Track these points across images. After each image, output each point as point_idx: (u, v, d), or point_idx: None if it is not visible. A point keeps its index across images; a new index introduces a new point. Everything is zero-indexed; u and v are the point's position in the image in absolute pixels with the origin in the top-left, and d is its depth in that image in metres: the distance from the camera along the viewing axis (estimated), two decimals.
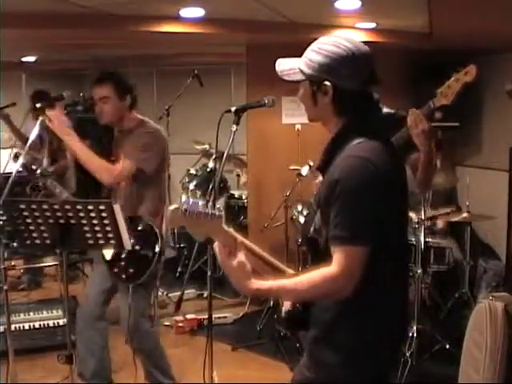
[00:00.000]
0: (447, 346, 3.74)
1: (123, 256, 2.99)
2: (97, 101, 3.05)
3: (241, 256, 1.63)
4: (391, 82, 5.36)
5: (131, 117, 3.14)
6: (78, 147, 2.95)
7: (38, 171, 2.98)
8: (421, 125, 2.41)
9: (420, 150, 2.51)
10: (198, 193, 5.53)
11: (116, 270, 3.03)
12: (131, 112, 3.14)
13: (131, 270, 2.99)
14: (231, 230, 1.68)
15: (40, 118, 2.89)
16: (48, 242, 2.57)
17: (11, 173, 2.79)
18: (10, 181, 2.69)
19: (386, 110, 2.84)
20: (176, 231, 5.62)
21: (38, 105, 2.90)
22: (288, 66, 1.75)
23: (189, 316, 4.51)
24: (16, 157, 3.37)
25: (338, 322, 1.69)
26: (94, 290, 3.20)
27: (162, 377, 3.25)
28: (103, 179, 2.98)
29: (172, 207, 1.62)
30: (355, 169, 1.57)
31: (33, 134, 2.85)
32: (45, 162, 4.99)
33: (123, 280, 3.03)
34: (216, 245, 1.66)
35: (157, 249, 2.96)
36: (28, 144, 2.90)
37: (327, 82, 1.65)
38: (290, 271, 1.76)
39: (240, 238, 1.69)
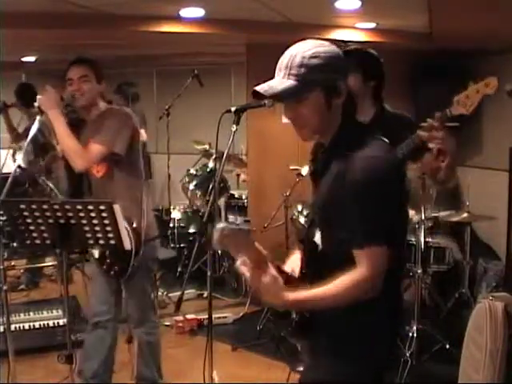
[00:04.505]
0: (447, 346, 3.74)
1: (107, 253, 2.97)
2: (74, 80, 2.94)
3: (272, 270, 1.60)
4: (391, 81, 5.37)
5: (101, 105, 3.07)
6: (59, 124, 2.87)
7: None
8: (436, 139, 2.39)
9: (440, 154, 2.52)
10: (198, 193, 5.53)
11: (104, 267, 3.02)
12: (101, 100, 3.08)
13: (116, 267, 2.98)
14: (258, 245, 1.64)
15: (38, 118, 2.87)
16: (48, 242, 2.56)
17: (10, 173, 2.79)
18: (9, 181, 2.70)
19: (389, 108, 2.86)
20: (176, 231, 5.62)
21: (35, 104, 2.88)
22: (281, 87, 1.61)
23: (189, 316, 4.51)
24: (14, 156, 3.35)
25: (350, 324, 1.69)
26: (102, 291, 3.17)
27: (156, 372, 3.26)
28: (77, 163, 2.89)
29: (220, 226, 1.57)
30: (376, 169, 1.57)
31: (31, 133, 2.83)
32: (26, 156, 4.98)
33: (112, 277, 3.02)
34: (241, 262, 1.61)
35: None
36: (26, 143, 2.89)
37: (341, 82, 1.64)
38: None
39: (265, 252, 1.64)
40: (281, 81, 1.63)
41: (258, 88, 1.64)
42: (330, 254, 1.68)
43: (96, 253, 3.04)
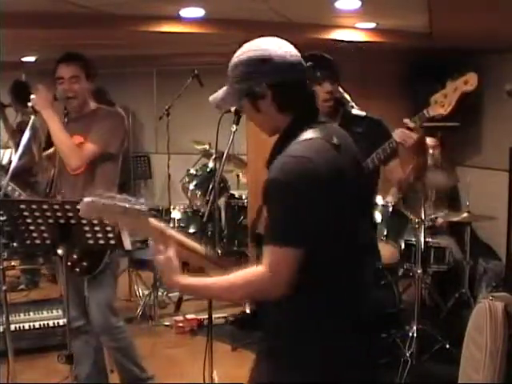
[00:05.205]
0: (447, 346, 3.73)
1: (75, 249, 2.86)
2: (65, 80, 2.93)
3: (169, 251, 1.65)
4: (391, 81, 5.38)
5: (91, 103, 3.06)
6: (53, 123, 2.86)
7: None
8: (410, 140, 2.38)
9: (412, 158, 2.51)
10: (198, 193, 5.54)
11: (69, 263, 2.87)
12: (90, 97, 3.08)
13: (84, 263, 2.90)
14: (159, 224, 1.70)
15: (32, 117, 2.86)
16: (48, 241, 2.56)
17: None
18: (6, 180, 2.69)
19: (356, 111, 2.87)
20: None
21: (29, 104, 2.87)
22: (219, 96, 1.71)
23: (189, 316, 4.51)
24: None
25: (281, 327, 1.67)
26: (72, 295, 3.02)
27: (137, 371, 3.22)
28: (72, 162, 2.88)
29: (86, 200, 1.64)
30: (290, 169, 1.54)
31: (25, 136, 2.80)
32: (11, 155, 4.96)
33: (77, 274, 2.92)
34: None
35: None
36: (23, 144, 2.81)
37: (264, 85, 1.64)
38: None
39: (170, 232, 1.71)
40: (222, 89, 1.73)
41: (211, 98, 1.74)
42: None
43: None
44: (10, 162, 4.69)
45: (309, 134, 1.61)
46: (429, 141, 4.58)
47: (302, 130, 1.63)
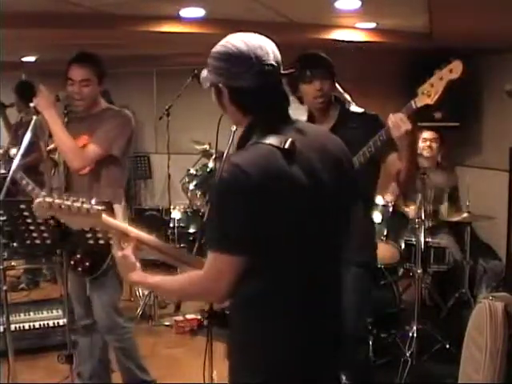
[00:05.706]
0: (447, 346, 3.73)
1: (79, 249, 2.83)
2: (76, 82, 2.88)
3: (127, 249, 1.73)
4: (391, 81, 5.38)
5: (102, 103, 3.04)
6: (55, 124, 2.83)
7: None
8: (404, 127, 2.32)
9: (402, 152, 2.48)
10: (198, 193, 5.53)
11: (72, 262, 2.86)
12: (101, 98, 3.05)
13: (87, 263, 2.87)
14: (114, 222, 1.78)
15: (34, 117, 2.85)
16: (48, 241, 2.57)
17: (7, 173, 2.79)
18: (7, 180, 2.69)
19: (354, 108, 2.85)
20: (176, 231, 5.63)
21: (31, 104, 2.86)
22: (203, 76, 1.71)
23: (189, 316, 4.51)
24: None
25: (235, 330, 1.73)
26: (72, 293, 3.06)
27: (139, 373, 3.21)
28: (74, 163, 2.85)
29: (38, 200, 1.72)
30: (225, 176, 1.51)
31: (28, 135, 2.80)
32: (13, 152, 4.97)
33: (79, 273, 2.89)
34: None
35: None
36: (24, 144, 2.80)
37: (220, 84, 1.62)
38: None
39: (127, 229, 1.77)
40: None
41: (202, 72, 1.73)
42: None
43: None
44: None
45: (264, 138, 1.55)
46: (428, 134, 4.59)
47: (262, 132, 1.57)
